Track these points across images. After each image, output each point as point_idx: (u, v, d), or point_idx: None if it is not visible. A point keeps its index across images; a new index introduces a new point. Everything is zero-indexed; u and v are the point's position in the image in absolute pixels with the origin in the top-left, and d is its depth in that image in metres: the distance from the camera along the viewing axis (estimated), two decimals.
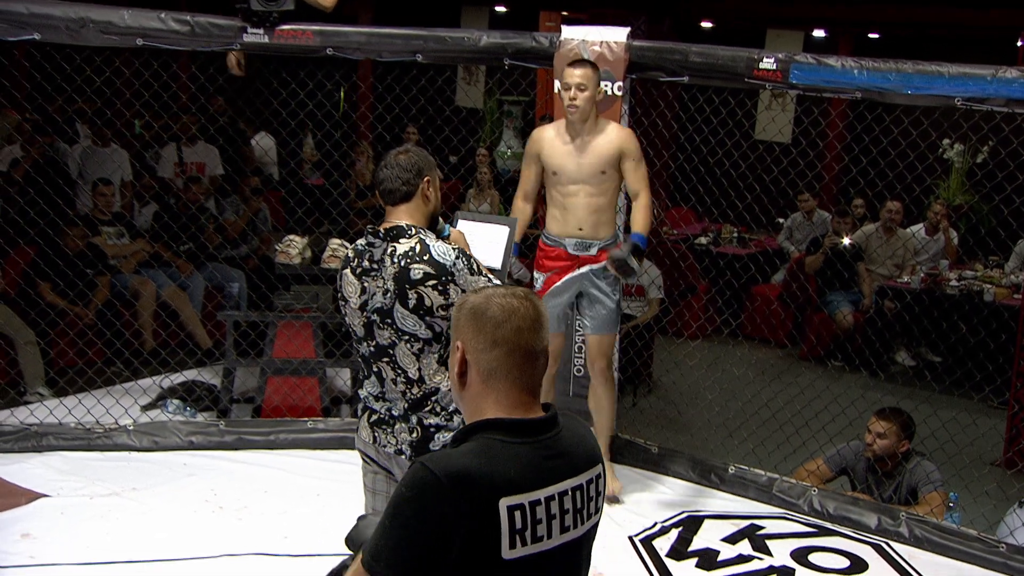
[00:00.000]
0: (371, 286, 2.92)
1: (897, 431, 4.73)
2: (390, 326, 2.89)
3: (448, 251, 2.89)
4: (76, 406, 5.34)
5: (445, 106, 6.82)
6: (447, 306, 2.86)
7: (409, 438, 2.93)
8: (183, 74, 8.43)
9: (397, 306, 2.86)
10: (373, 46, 5.20)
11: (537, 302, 1.98)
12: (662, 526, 4.69)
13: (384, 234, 2.93)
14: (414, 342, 2.89)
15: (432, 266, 2.85)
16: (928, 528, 4.61)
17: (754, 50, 4.83)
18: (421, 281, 2.84)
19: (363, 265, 2.95)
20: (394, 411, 2.96)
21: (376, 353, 2.95)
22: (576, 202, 4.65)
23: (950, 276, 7.83)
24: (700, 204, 8.12)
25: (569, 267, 4.72)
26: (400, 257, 2.87)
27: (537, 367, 1.96)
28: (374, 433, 3.00)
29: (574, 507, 1.92)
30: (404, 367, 2.91)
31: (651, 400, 6.78)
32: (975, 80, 4.36)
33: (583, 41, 5.03)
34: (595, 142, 4.59)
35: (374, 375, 2.99)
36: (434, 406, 2.93)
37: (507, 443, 1.88)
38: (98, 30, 4.94)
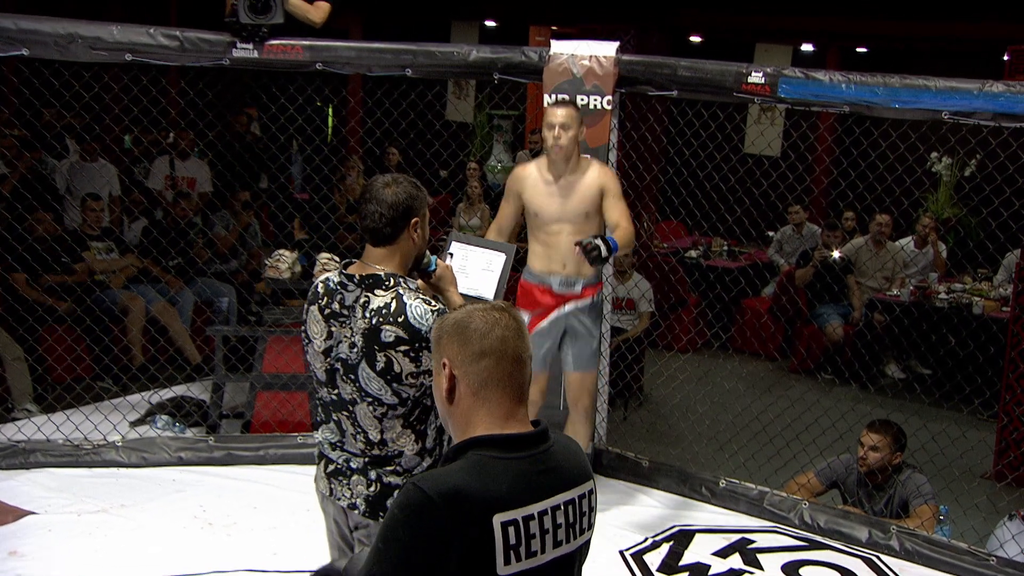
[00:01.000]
0: (338, 333, 2.68)
1: (890, 444, 4.74)
2: (353, 382, 2.66)
3: (426, 313, 2.61)
4: (64, 422, 5.31)
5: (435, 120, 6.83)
6: (418, 374, 2.61)
7: (366, 492, 2.73)
8: (172, 89, 8.42)
9: (363, 365, 2.63)
10: (363, 61, 5.21)
11: (516, 313, 1.99)
12: (653, 540, 4.68)
13: (360, 280, 2.68)
14: (377, 406, 2.65)
15: (406, 330, 2.59)
16: (919, 541, 4.61)
17: (742, 64, 4.86)
18: (392, 345, 2.59)
19: (332, 307, 2.70)
20: (352, 463, 2.75)
21: (337, 403, 2.74)
22: (559, 240, 4.63)
23: (939, 289, 7.85)
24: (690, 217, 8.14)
25: (554, 306, 4.69)
26: (373, 313, 2.62)
27: (525, 374, 1.96)
28: (330, 484, 2.80)
29: (567, 521, 1.93)
30: (365, 427, 2.69)
31: (641, 413, 6.78)
32: (962, 94, 4.39)
33: (572, 56, 5.05)
34: (578, 183, 4.58)
35: (333, 423, 2.78)
36: (396, 467, 2.72)
37: (498, 459, 1.88)
38: (87, 46, 4.93)
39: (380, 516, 2.71)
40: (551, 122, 4.51)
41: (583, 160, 4.63)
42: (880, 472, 4.79)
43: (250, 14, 4.94)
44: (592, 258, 4.17)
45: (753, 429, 5.71)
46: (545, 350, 4.72)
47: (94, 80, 5.52)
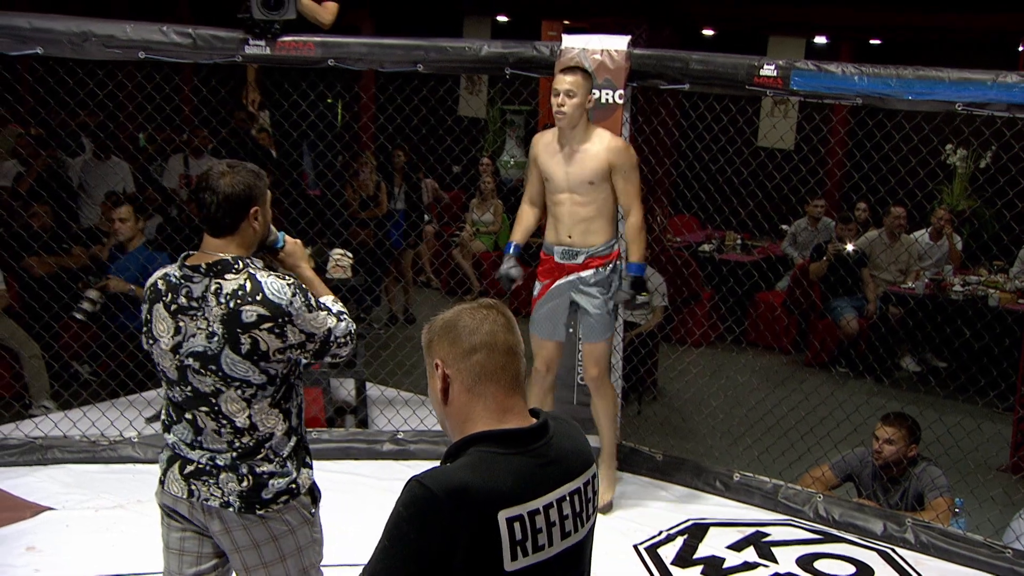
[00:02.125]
0: (189, 327, 2.62)
1: (904, 436, 4.73)
2: (214, 373, 2.61)
3: (283, 288, 2.60)
4: (81, 419, 5.35)
5: (447, 116, 6.85)
6: (284, 349, 2.61)
7: (238, 488, 2.67)
8: (186, 87, 8.46)
9: (227, 351, 2.58)
10: (375, 56, 5.22)
11: (504, 309, 1.99)
12: (667, 534, 4.68)
13: (206, 269, 2.62)
14: (245, 388, 2.62)
15: (266, 307, 2.57)
16: (934, 534, 4.60)
17: (754, 57, 4.84)
18: (255, 324, 2.56)
19: (179, 302, 2.63)
20: (218, 460, 2.67)
21: (191, 400, 2.66)
22: (563, 210, 4.62)
23: (954, 281, 7.83)
24: (703, 211, 8.15)
25: (557, 276, 4.69)
26: (228, 296, 2.57)
27: (518, 365, 1.96)
28: (190, 486, 2.69)
29: (573, 511, 1.93)
30: (231, 415, 2.64)
31: (655, 408, 6.78)
32: (976, 85, 4.37)
33: (584, 50, 5.05)
34: (584, 152, 4.54)
35: (186, 422, 2.70)
36: (267, 453, 2.68)
37: (501, 455, 1.88)
38: (100, 44, 4.96)
39: (256, 509, 2.68)
40: (556, 88, 4.48)
41: (593, 129, 4.58)
42: (895, 465, 4.78)
43: (263, 10, 4.96)
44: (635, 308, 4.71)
45: (767, 423, 5.70)
46: (552, 320, 4.72)
47: (108, 78, 5.55)
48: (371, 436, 5.48)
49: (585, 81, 4.50)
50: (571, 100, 4.45)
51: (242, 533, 2.70)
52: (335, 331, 2.73)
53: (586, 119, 4.55)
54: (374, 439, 5.44)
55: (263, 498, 2.69)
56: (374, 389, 6.06)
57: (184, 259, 2.68)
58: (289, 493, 2.72)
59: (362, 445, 5.41)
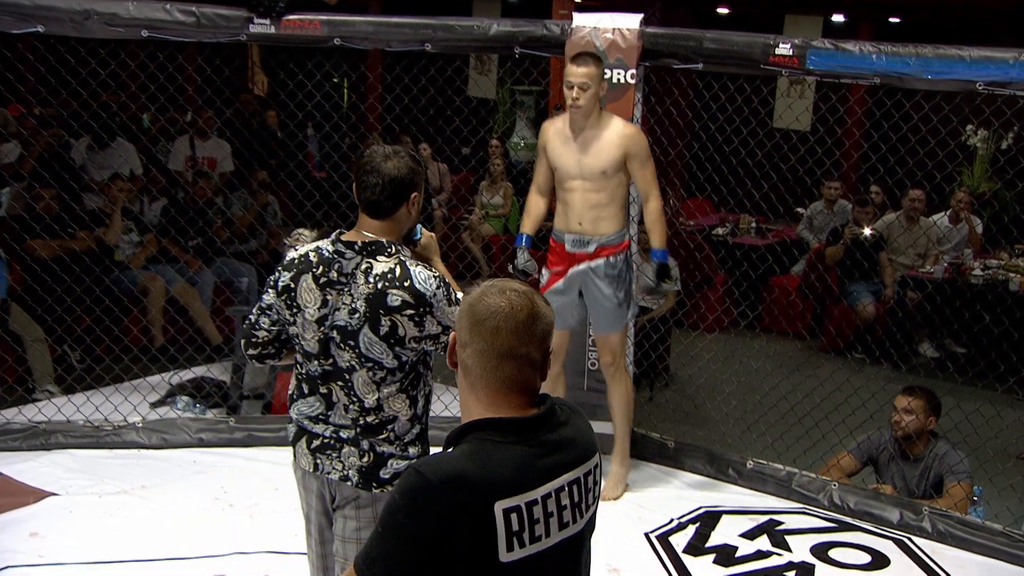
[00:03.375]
0: (335, 300, 2.71)
1: (924, 407, 4.71)
2: (352, 349, 2.70)
3: (429, 279, 2.70)
4: (84, 403, 5.37)
5: (455, 96, 6.81)
6: (420, 338, 2.69)
7: (359, 463, 2.76)
8: (189, 66, 8.45)
9: (366, 330, 2.67)
10: (381, 35, 5.21)
11: (537, 302, 1.93)
12: (679, 522, 4.69)
13: (360, 248, 2.72)
14: (377, 370, 2.71)
15: (412, 294, 2.66)
16: (951, 523, 4.60)
17: (770, 36, 4.82)
18: (398, 309, 2.65)
19: (329, 276, 2.72)
20: (343, 434, 2.77)
21: (330, 374, 2.75)
22: (574, 198, 4.62)
23: (974, 265, 7.79)
24: (717, 194, 8.11)
25: (568, 265, 4.68)
26: (378, 277, 2.68)
27: (519, 370, 1.91)
28: (315, 460, 2.81)
29: (572, 502, 1.92)
30: (361, 395, 2.73)
31: (668, 394, 6.78)
32: (997, 64, 4.34)
33: (595, 29, 5.03)
34: (597, 141, 4.54)
35: (319, 395, 2.79)
36: (390, 435, 2.76)
37: (500, 444, 1.87)
38: (102, 22, 4.96)
39: (373, 486, 2.76)
40: (570, 81, 4.47)
41: (605, 116, 4.58)
42: (916, 437, 4.75)
43: None
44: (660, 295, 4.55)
45: (781, 409, 5.70)
46: (561, 308, 4.70)
47: (110, 57, 5.54)
48: None
49: (598, 69, 4.49)
50: (585, 92, 4.45)
51: (352, 508, 2.79)
52: None
53: (599, 107, 4.55)
54: None
55: (381, 477, 2.77)
56: None
57: (339, 235, 2.77)
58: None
59: None
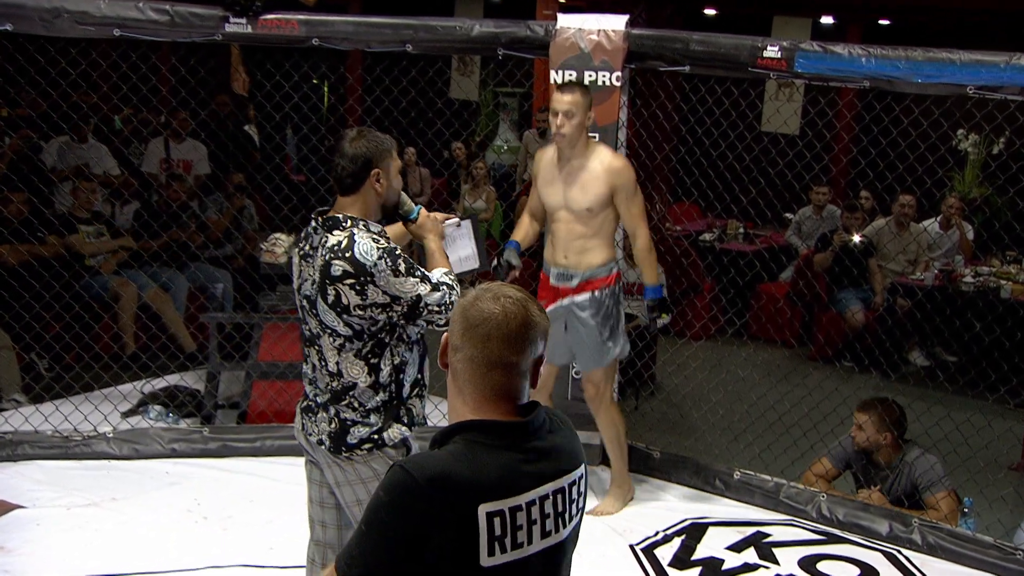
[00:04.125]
0: (305, 271, 3.00)
1: (876, 422, 4.73)
2: (315, 317, 2.96)
3: (372, 250, 2.87)
4: (53, 413, 5.33)
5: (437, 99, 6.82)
6: (364, 306, 2.87)
7: (328, 428, 2.99)
8: (163, 66, 8.41)
9: (319, 300, 2.92)
10: (361, 36, 5.20)
11: (531, 309, 1.94)
12: (664, 534, 4.69)
13: (322, 223, 2.98)
14: (335, 337, 2.94)
15: (352, 264, 2.86)
16: (942, 535, 4.61)
17: (758, 38, 4.84)
18: (340, 278, 2.87)
19: (304, 249, 3.03)
20: (319, 399, 3.03)
21: (309, 339, 3.04)
22: (559, 228, 4.60)
23: (965, 272, 7.82)
24: (704, 199, 8.14)
25: (552, 299, 4.66)
26: (327, 250, 2.91)
27: (508, 379, 1.93)
28: (302, 420, 3.09)
29: (555, 511, 1.94)
30: (326, 360, 2.98)
31: (653, 403, 6.78)
32: (988, 68, 4.36)
33: (580, 30, 5.03)
34: (583, 173, 4.50)
35: (307, 360, 3.09)
36: (351, 401, 2.96)
37: (488, 446, 1.89)
38: (73, 20, 4.94)
39: (343, 452, 2.96)
40: (555, 109, 4.43)
41: (592, 146, 4.56)
42: (878, 451, 4.78)
43: None
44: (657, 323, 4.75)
45: (769, 419, 5.71)
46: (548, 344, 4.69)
47: (81, 56, 5.51)
48: None
49: (584, 98, 4.45)
50: (570, 121, 4.41)
51: (336, 470, 3.01)
52: (426, 298, 2.94)
53: (585, 136, 4.52)
54: None
55: (348, 442, 2.96)
56: None
57: (319, 214, 3.03)
58: (372, 442, 2.97)
59: None
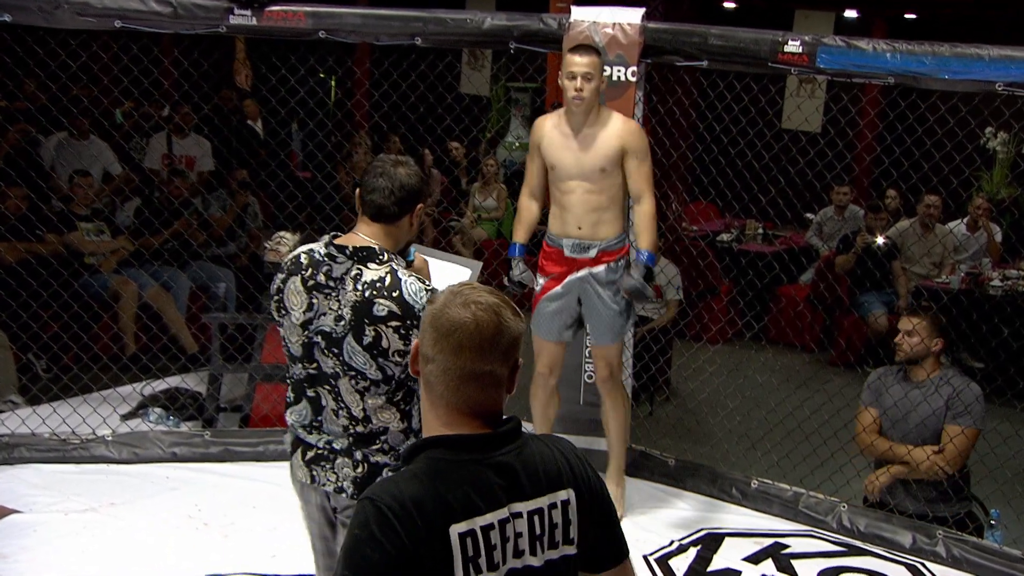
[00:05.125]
0: (321, 305, 2.78)
1: (928, 327, 4.70)
2: (336, 356, 2.76)
3: (420, 291, 2.74)
4: (51, 415, 5.34)
5: (447, 94, 6.83)
6: (405, 352, 2.71)
7: (353, 474, 2.82)
8: (165, 59, 8.44)
9: (349, 338, 2.73)
10: (369, 28, 5.20)
11: (503, 315, 1.92)
12: (679, 544, 4.68)
13: (352, 252, 2.79)
14: (360, 380, 2.76)
15: (400, 305, 2.70)
16: (967, 547, 4.59)
17: (779, 32, 4.82)
18: (384, 319, 2.70)
19: (316, 279, 2.80)
20: (335, 444, 2.84)
21: (316, 377, 2.83)
22: (574, 199, 4.59)
23: (992, 276, 7.80)
24: (722, 198, 8.10)
25: (567, 272, 4.66)
26: (366, 285, 2.73)
27: (482, 390, 1.92)
28: (311, 472, 2.88)
29: (531, 532, 1.91)
30: (347, 403, 2.80)
31: (668, 409, 6.78)
32: (1018, 63, 4.34)
33: (594, 23, 5.02)
34: (597, 137, 4.51)
35: (307, 400, 2.87)
36: (382, 445, 2.82)
37: (454, 462, 1.88)
38: (73, 11, 4.95)
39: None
40: (572, 71, 4.42)
41: (604, 111, 4.56)
42: (921, 360, 4.73)
43: None
44: (639, 299, 4.62)
45: (788, 426, 5.69)
46: (558, 319, 4.69)
47: (81, 48, 5.53)
48: None
49: (600, 60, 4.49)
50: (589, 84, 4.41)
51: (348, 515, 2.83)
52: None
53: (599, 102, 4.54)
54: None
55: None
56: None
57: (332, 238, 2.85)
58: None
59: None
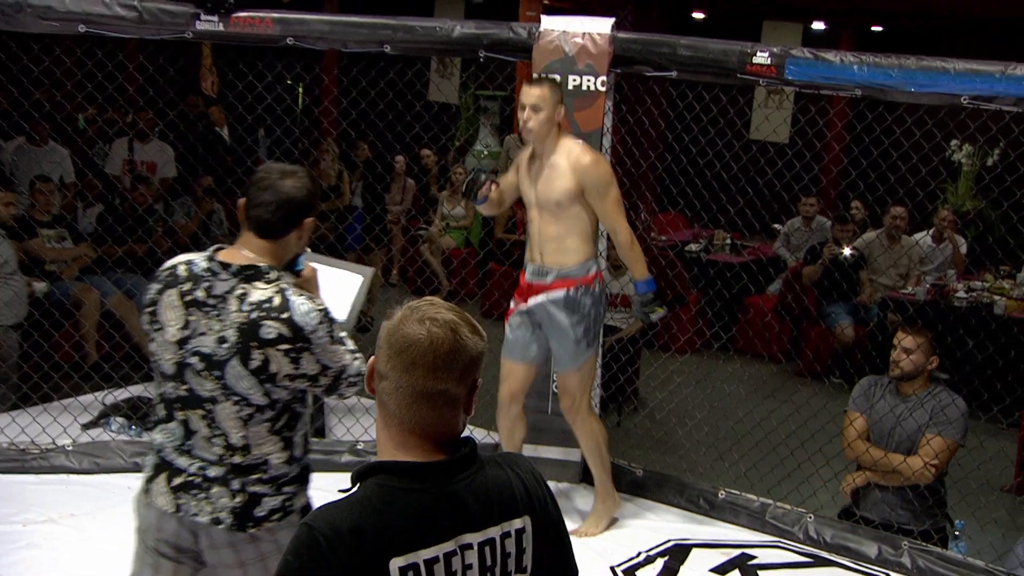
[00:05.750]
0: (200, 323, 2.62)
1: (928, 345, 4.73)
2: (217, 380, 2.61)
3: (312, 312, 2.62)
4: (9, 424, 5.28)
5: (416, 101, 6.84)
6: (294, 376, 2.61)
7: (231, 503, 2.66)
8: (130, 64, 8.40)
9: (234, 362, 2.59)
10: (337, 35, 5.20)
11: (460, 332, 1.86)
12: (647, 555, 4.68)
13: (238, 270, 2.64)
14: (244, 406, 2.62)
15: (289, 328, 2.58)
16: (932, 558, 4.63)
17: (747, 43, 4.86)
18: (273, 343, 2.57)
19: (195, 294, 2.64)
20: (209, 472, 2.67)
21: (187, 400, 2.66)
22: (534, 227, 4.62)
23: (958, 287, 7.88)
24: (690, 208, 8.17)
25: (526, 296, 4.66)
26: (253, 306, 2.59)
27: (435, 409, 1.86)
28: (177, 500, 2.68)
29: (482, 564, 1.85)
30: (225, 429, 2.64)
31: (636, 419, 6.79)
32: (983, 77, 4.40)
33: (564, 32, 5.05)
34: (552, 171, 4.51)
35: (177, 422, 2.69)
36: (261, 476, 2.68)
37: (400, 490, 1.82)
38: (36, 15, 4.91)
39: (247, 527, 2.67)
40: (523, 102, 4.47)
41: (565, 142, 4.54)
42: (915, 377, 4.76)
43: None
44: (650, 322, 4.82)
45: (755, 436, 5.72)
46: (520, 339, 4.71)
47: (44, 53, 5.49)
48: (328, 446, 5.45)
49: (553, 93, 4.46)
50: (537, 115, 4.42)
51: (230, 552, 2.70)
52: (349, 369, 2.72)
53: (556, 132, 4.53)
54: (331, 449, 5.41)
55: (255, 516, 2.68)
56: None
57: (215, 251, 2.70)
58: (283, 511, 2.72)
59: (319, 456, 5.34)
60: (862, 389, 5.00)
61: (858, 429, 4.93)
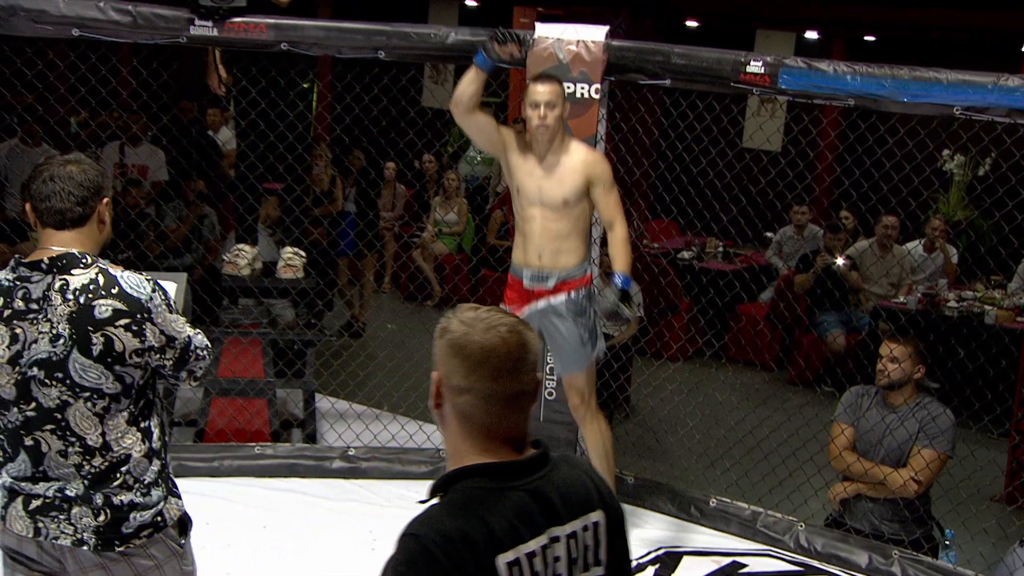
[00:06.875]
0: (28, 332, 2.52)
1: (913, 354, 4.73)
2: (61, 382, 2.52)
3: (141, 283, 2.57)
4: None
5: (410, 107, 6.85)
6: (143, 351, 2.55)
7: (94, 523, 2.57)
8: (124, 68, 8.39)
9: (76, 355, 2.50)
10: (332, 42, 5.20)
11: (524, 331, 1.91)
12: (638, 563, 4.68)
13: (48, 264, 2.54)
14: (97, 399, 2.54)
15: (124, 301, 2.52)
16: (923, 568, 4.64)
17: (741, 52, 4.87)
18: (110, 320, 2.50)
19: (13, 307, 2.53)
20: (68, 491, 2.57)
21: (34, 421, 2.55)
22: (535, 227, 4.55)
23: (949, 297, 7.90)
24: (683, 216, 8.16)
25: (525, 302, 4.61)
26: (77, 292, 2.51)
27: (520, 410, 1.91)
28: (36, 524, 2.57)
29: (568, 556, 1.90)
30: (81, 433, 2.55)
31: (627, 427, 6.80)
32: (975, 88, 4.41)
33: (558, 40, 5.05)
34: (560, 167, 4.49)
35: (25, 451, 2.57)
36: (124, 478, 2.59)
37: (493, 491, 1.86)
38: (29, 19, 4.90)
39: (115, 546, 2.59)
40: (535, 100, 4.41)
41: (568, 140, 4.55)
42: (902, 386, 4.76)
43: None
44: (617, 322, 4.53)
45: (747, 444, 5.72)
46: None
47: (37, 57, 5.48)
48: (320, 452, 5.45)
49: (562, 89, 4.48)
50: (552, 112, 4.39)
51: (100, 573, 2.61)
52: (194, 340, 2.71)
53: (562, 130, 4.53)
54: (323, 455, 5.41)
55: (123, 533, 2.60)
56: (324, 401, 6.03)
57: (18, 260, 2.60)
58: (154, 526, 2.65)
59: (310, 462, 5.38)
60: (849, 400, 5.00)
61: (842, 442, 4.94)
